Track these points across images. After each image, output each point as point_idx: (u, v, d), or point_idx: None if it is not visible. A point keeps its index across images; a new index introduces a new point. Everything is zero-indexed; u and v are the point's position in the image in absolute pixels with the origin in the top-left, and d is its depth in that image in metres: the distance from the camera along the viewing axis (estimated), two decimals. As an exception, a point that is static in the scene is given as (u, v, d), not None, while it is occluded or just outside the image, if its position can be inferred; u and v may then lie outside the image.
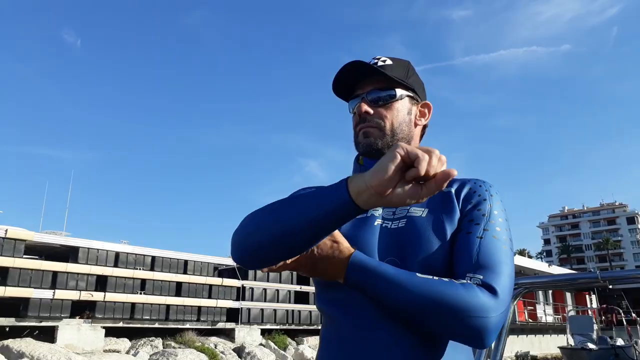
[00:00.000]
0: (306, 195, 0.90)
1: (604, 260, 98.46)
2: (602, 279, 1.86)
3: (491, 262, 0.96)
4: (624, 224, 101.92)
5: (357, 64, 1.11)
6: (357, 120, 1.14)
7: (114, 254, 19.95)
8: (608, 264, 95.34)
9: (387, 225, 1.06)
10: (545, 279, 2.06)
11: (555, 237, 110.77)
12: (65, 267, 18.33)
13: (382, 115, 1.12)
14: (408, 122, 1.15)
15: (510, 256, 1.00)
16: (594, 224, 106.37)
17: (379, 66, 1.13)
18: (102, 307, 19.01)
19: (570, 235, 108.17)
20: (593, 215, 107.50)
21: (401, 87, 1.14)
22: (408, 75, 1.17)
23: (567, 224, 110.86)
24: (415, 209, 1.07)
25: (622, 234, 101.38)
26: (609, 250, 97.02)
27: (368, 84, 1.14)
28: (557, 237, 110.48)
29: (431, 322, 0.91)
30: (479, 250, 0.98)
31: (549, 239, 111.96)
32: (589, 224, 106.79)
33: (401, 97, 1.15)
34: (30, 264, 17.54)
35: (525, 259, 38.35)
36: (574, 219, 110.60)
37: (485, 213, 1.05)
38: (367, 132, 1.12)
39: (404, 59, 1.20)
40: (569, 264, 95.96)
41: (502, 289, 0.93)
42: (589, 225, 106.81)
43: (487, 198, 1.07)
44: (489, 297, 0.91)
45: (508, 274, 0.97)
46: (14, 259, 17.07)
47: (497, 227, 1.03)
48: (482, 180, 1.13)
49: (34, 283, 17.39)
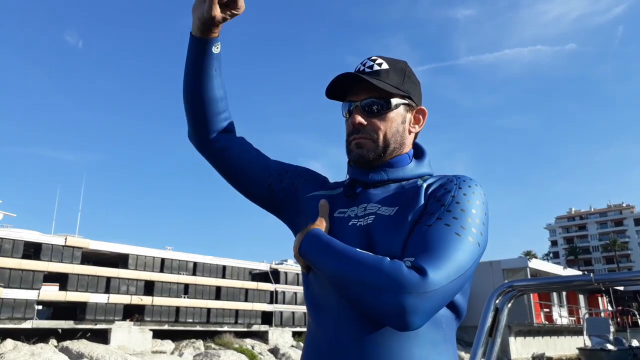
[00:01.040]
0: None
1: (612, 261, 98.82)
2: (596, 281, 1.88)
3: (432, 246, 0.93)
4: (632, 226, 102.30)
5: (353, 76, 1.10)
6: (351, 130, 1.13)
7: (159, 260, 21.08)
8: (615, 266, 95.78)
9: (356, 223, 1.07)
10: (539, 281, 2.05)
11: (563, 238, 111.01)
12: (118, 273, 19.48)
13: (376, 126, 1.11)
14: (402, 132, 1.14)
15: (463, 243, 0.95)
16: (601, 226, 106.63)
17: (375, 70, 1.11)
18: (150, 311, 20.14)
19: (577, 237, 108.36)
20: (600, 216, 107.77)
21: (396, 95, 1.12)
22: (404, 80, 1.14)
23: (574, 226, 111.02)
24: (384, 208, 1.07)
25: (630, 235, 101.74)
26: (616, 251, 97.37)
27: (362, 91, 1.12)
28: (564, 239, 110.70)
29: (352, 293, 0.91)
30: (424, 237, 0.96)
31: (556, 241, 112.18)
32: (596, 226, 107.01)
33: (396, 106, 1.12)
34: (87, 270, 18.70)
35: (542, 262, 39.19)
36: (581, 220, 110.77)
37: (445, 203, 1.02)
38: (360, 144, 1.12)
39: (400, 60, 1.17)
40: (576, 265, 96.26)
41: (435, 271, 0.88)
42: (596, 226, 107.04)
43: (452, 190, 1.05)
44: (413, 275, 0.87)
45: (452, 259, 0.91)
46: (73, 266, 18.23)
47: (454, 216, 0.99)
48: (460, 176, 1.10)
49: (90, 288, 18.51)
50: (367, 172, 1.15)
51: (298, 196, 1.22)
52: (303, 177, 1.25)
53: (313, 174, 1.27)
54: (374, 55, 1.15)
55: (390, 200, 1.09)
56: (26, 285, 17.07)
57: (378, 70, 1.11)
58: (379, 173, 1.14)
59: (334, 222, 1.11)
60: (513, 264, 35.58)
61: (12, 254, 17.05)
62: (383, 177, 1.14)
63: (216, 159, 1.24)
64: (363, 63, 1.14)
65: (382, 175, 1.13)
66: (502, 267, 34.03)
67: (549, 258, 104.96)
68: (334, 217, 1.12)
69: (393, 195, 1.10)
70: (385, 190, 1.13)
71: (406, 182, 1.13)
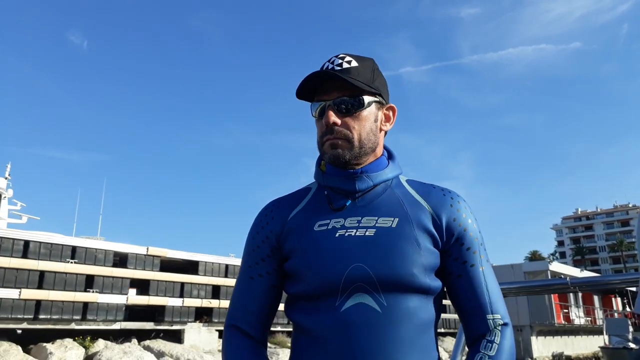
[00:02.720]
0: None
1: (618, 261, 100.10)
2: (571, 285, 1.90)
3: (496, 294, 1.07)
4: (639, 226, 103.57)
5: (326, 74, 1.07)
6: (324, 130, 1.08)
7: (224, 266, 22.98)
8: (622, 266, 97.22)
9: (352, 234, 1.03)
10: (521, 284, 2.04)
11: (569, 238, 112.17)
12: (190, 279, 21.37)
13: (350, 126, 1.07)
14: (375, 130, 1.11)
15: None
16: (607, 226, 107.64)
17: (345, 68, 1.07)
18: (217, 313, 22.06)
19: (584, 237, 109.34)
20: (607, 217, 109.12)
21: (368, 93, 1.09)
22: (374, 78, 1.11)
23: (580, 226, 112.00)
24: (383, 219, 1.05)
25: (636, 235, 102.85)
26: (622, 252, 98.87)
27: (333, 89, 1.08)
28: (570, 239, 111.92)
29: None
30: (486, 284, 1.06)
31: (562, 241, 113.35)
32: (603, 226, 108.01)
33: (369, 104, 1.09)
34: (165, 276, 20.61)
35: (561, 265, 40.55)
36: (587, 220, 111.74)
37: (477, 237, 1.09)
38: (335, 144, 1.07)
39: (368, 58, 1.14)
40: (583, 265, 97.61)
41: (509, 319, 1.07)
42: (602, 227, 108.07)
43: (470, 218, 1.10)
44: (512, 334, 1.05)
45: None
46: (154, 273, 20.13)
47: (484, 248, 1.10)
48: (456, 195, 1.12)
49: (167, 292, 20.41)
50: (350, 180, 1.10)
51: (282, 242, 1.12)
52: (267, 232, 1.14)
53: (269, 213, 1.16)
54: (342, 53, 1.11)
55: (386, 210, 1.07)
56: (116, 290, 18.97)
57: (348, 67, 1.08)
58: (363, 180, 1.10)
59: (316, 236, 1.05)
60: (534, 267, 37.19)
61: (105, 263, 18.95)
62: (369, 184, 1.10)
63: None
64: (331, 61, 1.10)
65: (368, 182, 1.10)
66: (523, 270, 35.39)
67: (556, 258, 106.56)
68: (315, 232, 1.06)
69: (387, 204, 1.08)
70: (373, 196, 1.10)
71: (387, 185, 1.12)
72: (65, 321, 17.70)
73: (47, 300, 17.18)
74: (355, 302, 0.99)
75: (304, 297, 1.06)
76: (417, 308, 1.01)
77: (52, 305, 17.29)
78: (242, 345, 1.10)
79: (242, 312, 1.12)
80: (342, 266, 1.01)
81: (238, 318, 1.13)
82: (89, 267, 18.43)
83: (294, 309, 1.09)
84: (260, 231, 1.14)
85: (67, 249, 18.17)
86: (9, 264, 16.58)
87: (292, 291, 1.09)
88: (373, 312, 0.98)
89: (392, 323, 0.98)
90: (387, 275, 0.99)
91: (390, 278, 0.99)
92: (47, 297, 17.18)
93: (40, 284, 17.20)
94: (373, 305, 0.99)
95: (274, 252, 1.12)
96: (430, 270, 1.04)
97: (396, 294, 1.00)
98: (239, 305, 1.14)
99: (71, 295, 17.73)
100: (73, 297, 17.75)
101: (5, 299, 16.25)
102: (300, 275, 1.06)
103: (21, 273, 16.86)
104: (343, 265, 1.01)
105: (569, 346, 39.35)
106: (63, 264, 17.84)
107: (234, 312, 1.14)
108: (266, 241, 1.13)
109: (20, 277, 16.82)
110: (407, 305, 1.00)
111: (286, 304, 1.14)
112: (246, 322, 1.12)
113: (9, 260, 16.62)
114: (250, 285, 1.13)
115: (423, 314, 1.02)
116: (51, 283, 17.42)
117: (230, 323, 1.13)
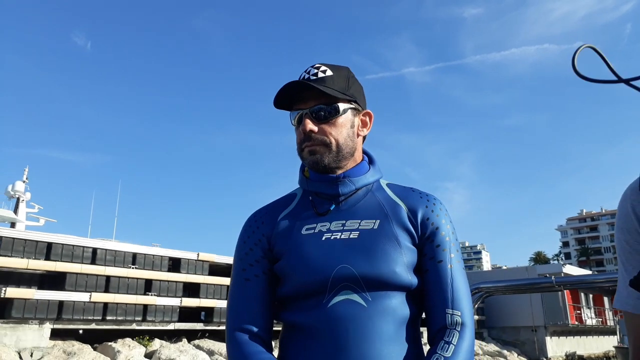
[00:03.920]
0: None
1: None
2: (556, 284, 1.95)
3: (461, 293, 1.10)
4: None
5: (300, 84, 1.12)
6: (302, 138, 1.14)
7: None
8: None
9: (337, 237, 1.10)
10: (506, 283, 2.11)
11: (574, 239, 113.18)
12: (235, 282, 22.83)
13: (327, 132, 1.13)
14: (352, 135, 1.17)
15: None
16: (612, 227, 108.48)
17: (320, 78, 1.13)
18: (258, 314, 23.50)
19: (589, 238, 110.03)
20: (612, 218, 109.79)
21: (343, 100, 1.15)
22: (349, 85, 1.17)
23: (585, 227, 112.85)
24: (366, 222, 1.12)
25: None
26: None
27: (310, 98, 1.14)
28: (575, 240, 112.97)
29: None
30: (452, 281, 1.10)
31: (567, 242, 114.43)
32: (608, 227, 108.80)
33: (344, 111, 1.15)
34: (213, 280, 22.09)
35: (575, 267, 41.71)
36: (592, 221, 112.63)
37: (448, 237, 1.14)
38: (313, 150, 1.13)
39: (343, 67, 1.20)
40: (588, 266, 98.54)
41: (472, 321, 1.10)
42: (607, 227, 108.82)
43: (444, 219, 1.16)
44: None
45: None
46: (204, 277, 21.63)
47: (457, 249, 1.14)
48: (432, 197, 1.19)
49: (216, 295, 21.89)
50: (333, 184, 1.16)
51: (273, 244, 1.16)
52: (259, 235, 1.18)
53: (259, 219, 1.20)
54: (318, 63, 1.17)
55: (368, 212, 1.14)
56: (171, 293, 20.46)
57: (323, 77, 1.14)
58: (346, 185, 1.16)
59: (304, 239, 1.12)
60: (548, 269, 38.26)
61: (161, 268, 20.45)
62: (352, 188, 1.16)
63: None
64: (307, 71, 1.16)
65: (350, 186, 1.16)
66: (537, 273, 36.50)
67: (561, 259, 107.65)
68: (302, 235, 1.12)
69: (369, 207, 1.15)
70: (355, 200, 1.16)
71: (369, 189, 1.19)
72: (128, 322, 19.22)
73: (113, 302, 18.71)
74: (342, 299, 1.04)
75: (292, 297, 1.10)
76: (400, 303, 1.07)
77: (117, 307, 18.81)
78: (256, 350, 1.07)
79: (246, 314, 1.11)
80: (329, 268, 1.06)
81: (243, 321, 1.11)
82: (148, 272, 19.94)
83: (283, 310, 1.14)
84: (252, 235, 1.18)
85: (129, 255, 19.71)
86: (80, 269, 18.11)
87: (282, 292, 1.13)
88: (359, 307, 1.04)
89: (378, 316, 1.03)
90: (371, 274, 1.05)
91: (374, 277, 1.05)
92: (113, 300, 18.70)
93: (106, 288, 18.71)
94: (359, 301, 1.04)
95: (266, 254, 1.16)
96: (411, 267, 1.10)
97: (380, 291, 1.05)
98: (241, 308, 1.12)
99: (133, 298, 19.24)
100: (135, 300, 19.26)
101: (78, 302, 17.76)
102: (290, 276, 1.10)
103: (90, 278, 18.38)
104: (330, 266, 1.06)
105: (581, 346, 40.48)
106: (126, 270, 19.37)
107: (237, 316, 1.12)
108: (259, 244, 1.17)
109: (89, 282, 18.34)
110: (390, 301, 1.06)
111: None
112: (253, 323, 1.11)
113: (80, 267, 18.14)
114: (248, 286, 1.14)
115: (406, 309, 1.08)
116: (116, 287, 18.95)
117: (236, 326, 1.11)
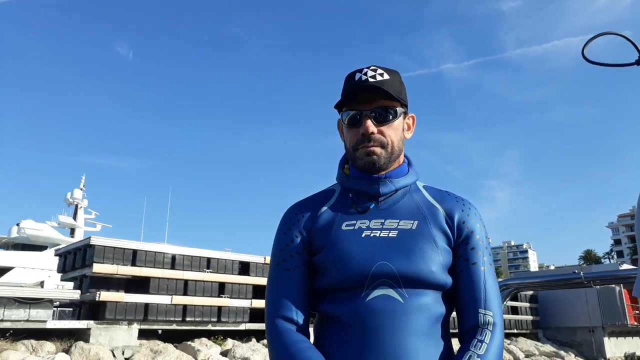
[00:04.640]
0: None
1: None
2: (585, 279, 1.96)
3: (492, 295, 1.14)
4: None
5: (370, 86, 1.15)
6: (360, 138, 1.17)
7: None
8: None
9: (377, 234, 1.14)
10: (533, 279, 2.14)
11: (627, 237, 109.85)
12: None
13: (386, 134, 1.17)
14: (402, 138, 1.22)
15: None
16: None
17: (379, 81, 1.16)
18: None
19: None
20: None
21: (399, 104, 1.19)
22: (401, 90, 1.21)
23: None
24: (404, 222, 1.16)
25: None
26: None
27: (372, 99, 1.17)
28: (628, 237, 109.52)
29: None
30: (485, 284, 1.14)
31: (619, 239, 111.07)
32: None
33: (400, 114, 1.20)
34: (279, 283, 23.13)
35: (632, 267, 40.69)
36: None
37: (482, 240, 1.17)
38: (371, 152, 1.16)
39: (396, 70, 1.22)
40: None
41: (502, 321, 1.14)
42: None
43: (478, 223, 1.20)
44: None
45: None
46: (271, 279, 22.72)
47: (489, 253, 1.19)
48: (464, 198, 1.24)
49: (282, 297, 23.00)
50: (374, 184, 1.19)
51: (313, 237, 1.19)
52: (300, 227, 1.21)
53: (299, 212, 1.23)
54: (373, 65, 1.20)
55: (406, 213, 1.18)
56: (242, 295, 21.68)
57: (382, 80, 1.16)
58: (386, 185, 1.20)
59: (344, 235, 1.15)
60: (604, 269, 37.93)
61: (232, 272, 21.72)
62: (391, 189, 1.20)
63: None
64: (364, 72, 1.18)
65: (390, 187, 1.20)
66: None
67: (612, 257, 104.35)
68: (343, 231, 1.15)
69: (407, 208, 1.19)
70: (394, 200, 1.20)
71: (407, 190, 1.23)
72: (204, 322, 20.53)
73: (192, 304, 20.04)
74: (379, 293, 1.09)
75: (330, 290, 1.14)
76: (434, 301, 1.12)
77: (195, 309, 20.14)
78: (297, 339, 1.10)
79: (286, 303, 1.13)
80: (369, 264, 1.10)
81: (284, 310, 1.13)
82: (221, 275, 21.21)
83: (320, 301, 1.16)
84: (292, 227, 1.21)
85: (204, 260, 21.04)
86: (162, 274, 19.52)
87: (320, 284, 1.16)
88: (396, 302, 1.08)
89: (413, 312, 1.08)
90: (409, 272, 1.09)
91: (412, 274, 1.09)
92: (192, 302, 20.04)
93: (185, 291, 20.08)
94: (396, 297, 1.09)
95: (306, 246, 1.19)
96: (446, 268, 1.15)
97: (416, 289, 1.10)
98: (282, 297, 1.14)
99: (209, 300, 20.55)
100: (210, 302, 20.57)
101: (161, 304, 19.15)
102: (329, 270, 1.13)
103: (171, 282, 19.77)
104: (370, 263, 1.10)
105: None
106: (202, 273, 20.72)
107: (278, 305, 1.14)
108: (299, 235, 1.19)
109: (170, 285, 19.73)
110: (425, 299, 1.11)
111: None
112: (293, 313, 1.13)
113: (161, 272, 19.55)
114: (288, 277, 1.16)
115: (439, 307, 1.13)
116: (193, 290, 20.29)
117: (276, 315, 1.13)
